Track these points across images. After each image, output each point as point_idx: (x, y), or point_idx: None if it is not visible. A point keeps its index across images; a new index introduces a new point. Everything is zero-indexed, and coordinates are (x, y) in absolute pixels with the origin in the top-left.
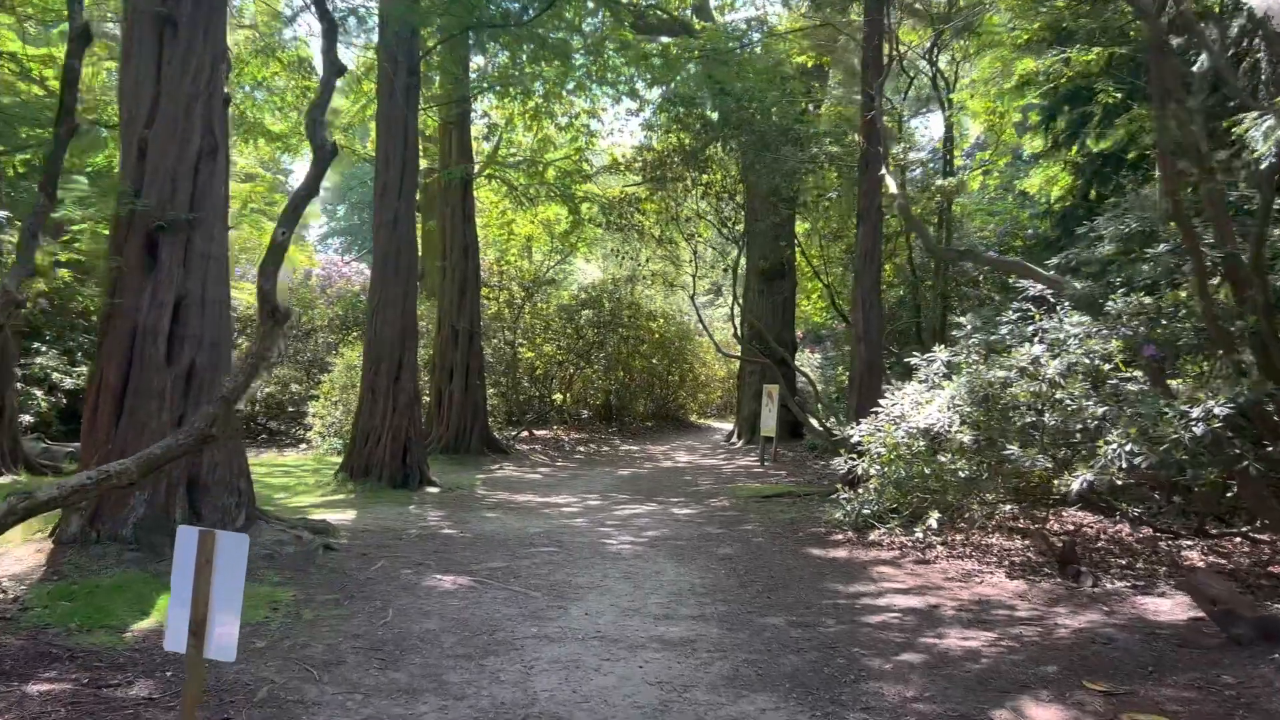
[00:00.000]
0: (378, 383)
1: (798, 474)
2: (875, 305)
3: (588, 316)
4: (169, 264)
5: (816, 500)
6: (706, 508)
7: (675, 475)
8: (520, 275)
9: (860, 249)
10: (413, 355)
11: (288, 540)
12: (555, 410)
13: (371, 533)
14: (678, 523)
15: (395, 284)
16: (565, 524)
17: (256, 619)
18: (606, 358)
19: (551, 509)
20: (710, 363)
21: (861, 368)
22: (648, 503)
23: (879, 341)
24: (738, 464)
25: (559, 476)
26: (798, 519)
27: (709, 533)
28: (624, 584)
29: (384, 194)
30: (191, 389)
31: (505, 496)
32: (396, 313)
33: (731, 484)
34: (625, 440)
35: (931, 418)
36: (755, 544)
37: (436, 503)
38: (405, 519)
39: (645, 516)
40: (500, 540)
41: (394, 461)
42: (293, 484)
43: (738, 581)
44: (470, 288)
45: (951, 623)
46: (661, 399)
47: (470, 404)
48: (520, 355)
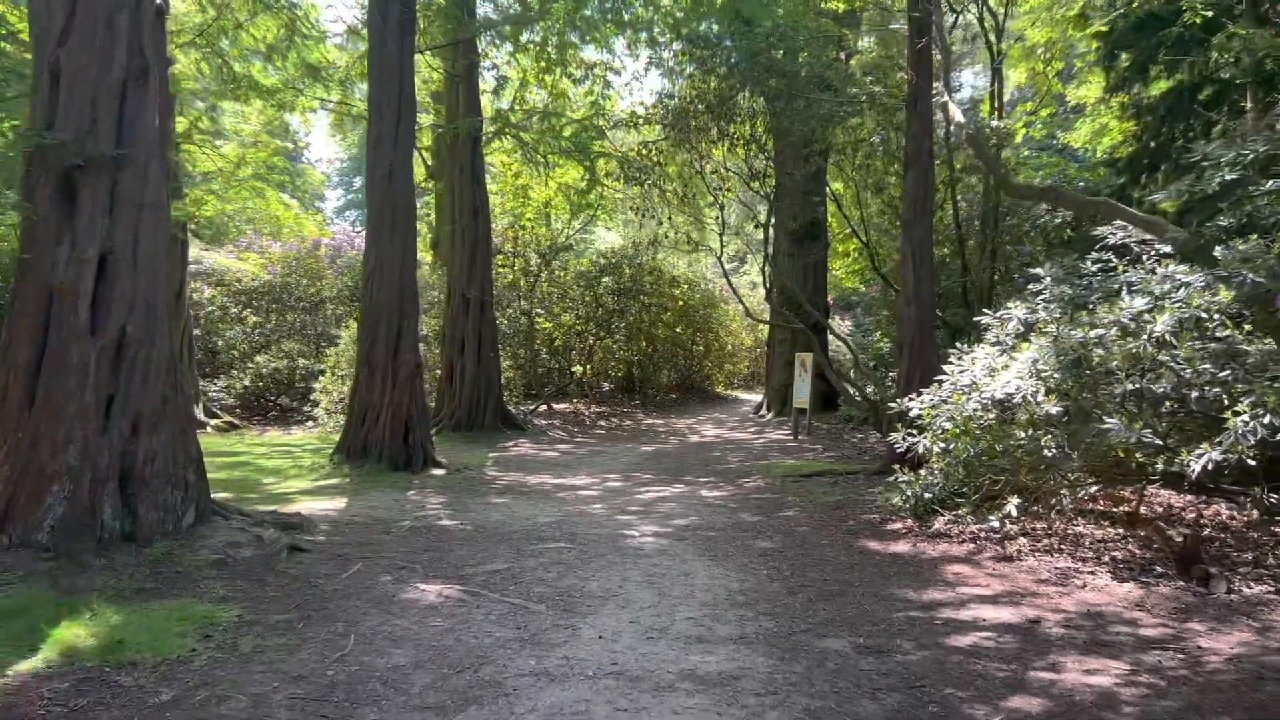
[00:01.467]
0: (375, 355)
1: (835, 448)
2: (927, 260)
3: (607, 284)
4: (90, 211)
5: (862, 480)
6: (739, 489)
7: (702, 451)
8: (536, 242)
9: (908, 198)
10: (413, 323)
11: (246, 541)
12: (575, 383)
13: (357, 526)
14: (707, 508)
15: (391, 244)
16: (581, 511)
17: (178, 652)
18: (627, 327)
19: (567, 492)
20: (737, 331)
21: (912, 331)
22: (673, 483)
23: (932, 301)
24: (769, 438)
25: (577, 454)
26: (844, 502)
27: (744, 521)
28: (647, 591)
29: (377, 145)
30: (123, 363)
31: (517, 478)
32: (394, 276)
33: (764, 461)
34: (648, 413)
35: (1010, 386)
36: (799, 535)
37: (439, 487)
38: (400, 507)
39: (671, 500)
40: (504, 534)
41: (394, 441)
42: (287, 467)
43: (784, 586)
44: (481, 253)
45: (1063, 646)
46: (686, 370)
47: (483, 377)
48: (537, 326)
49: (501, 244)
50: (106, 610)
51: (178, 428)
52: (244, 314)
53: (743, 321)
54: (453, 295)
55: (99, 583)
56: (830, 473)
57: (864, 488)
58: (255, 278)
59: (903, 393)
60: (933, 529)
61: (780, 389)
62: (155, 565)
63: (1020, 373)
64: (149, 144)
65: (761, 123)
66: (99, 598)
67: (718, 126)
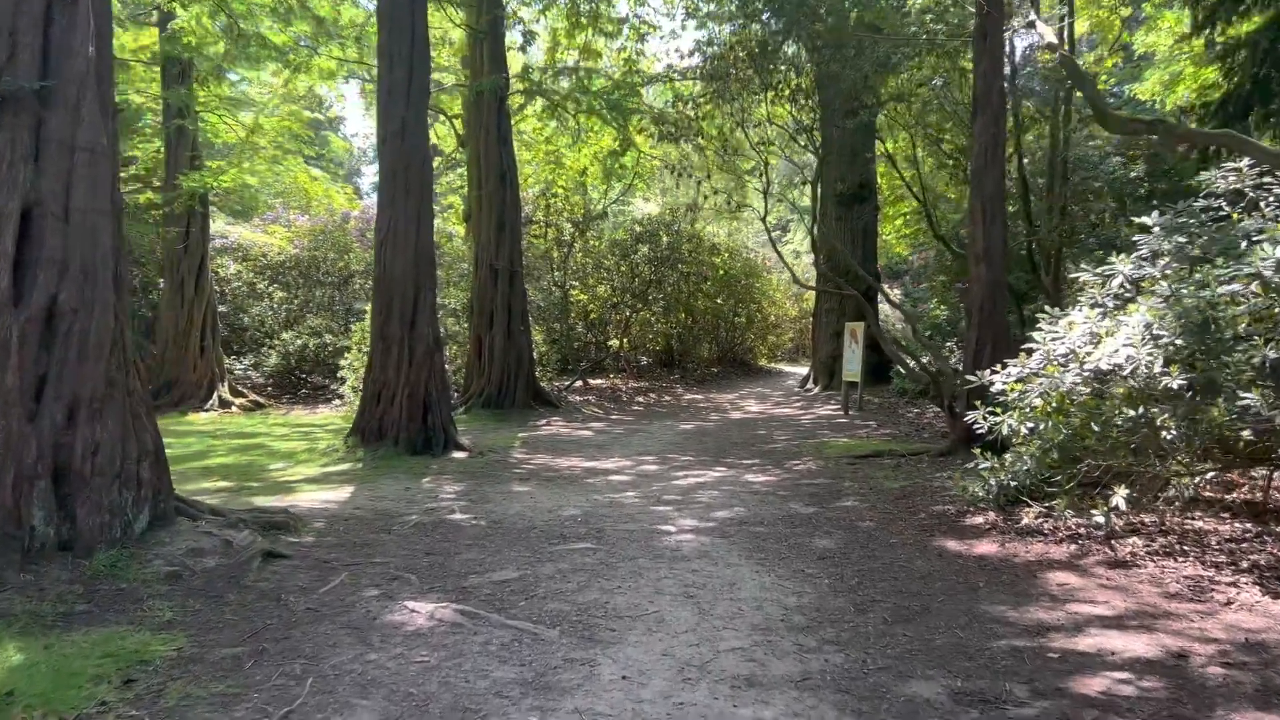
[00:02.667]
0: (389, 329)
1: (890, 425)
2: (999, 214)
3: (644, 253)
4: (8, 157)
5: (927, 462)
6: (788, 473)
7: (746, 429)
8: (570, 210)
9: (977, 144)
10: (430, 294)
11: (212, 548)
12: (612, 357)
13: (356, 521)
14: (754, 496)
15: (406, 207)
16: (611, 500)
17: (81, 708)
18: (665, 298)
19: (598, 478)
20: (780, 301)
21: (982, 294)
22: (715, 466)
23: (1004, 260)
24: (817, 414)
25: (612, 433)
26: (911, 490)
27: (796, 513)
28: (684, 609)
29: (389, 99)
30: (55, 338)
31: (545, 461)
32: (408, 242)
33: (813, 439)
34: (688, 388)
35: (1119, 355)
36: (863, 531)
37: (459, 472)
38: (410, 497)
39: (712, 487)
40: (521, 531)
41: (412, 423)
42: (300, 450)
43: (851, 600)
44: (510, 220)
45: (1230, 696)
46: (727, 342)
47: (513, 352)
48: (572, 298)
49: (533, 213)
50: (9, 646)
51: (128, 414)
52: (270, 289)
53: (787, 291)
54: (480, 266)
55: (18, 605)
56: (890, 454)
57: (931, 472)
58: (282, 251)
59: (972, 364)
60: (1021, 524)
61: (827, 361)
62: (93, 581)
63: (1131, 339)
64: (80, 76)
65: (808, 75)
66: (8, 626)
67: (760, 77)
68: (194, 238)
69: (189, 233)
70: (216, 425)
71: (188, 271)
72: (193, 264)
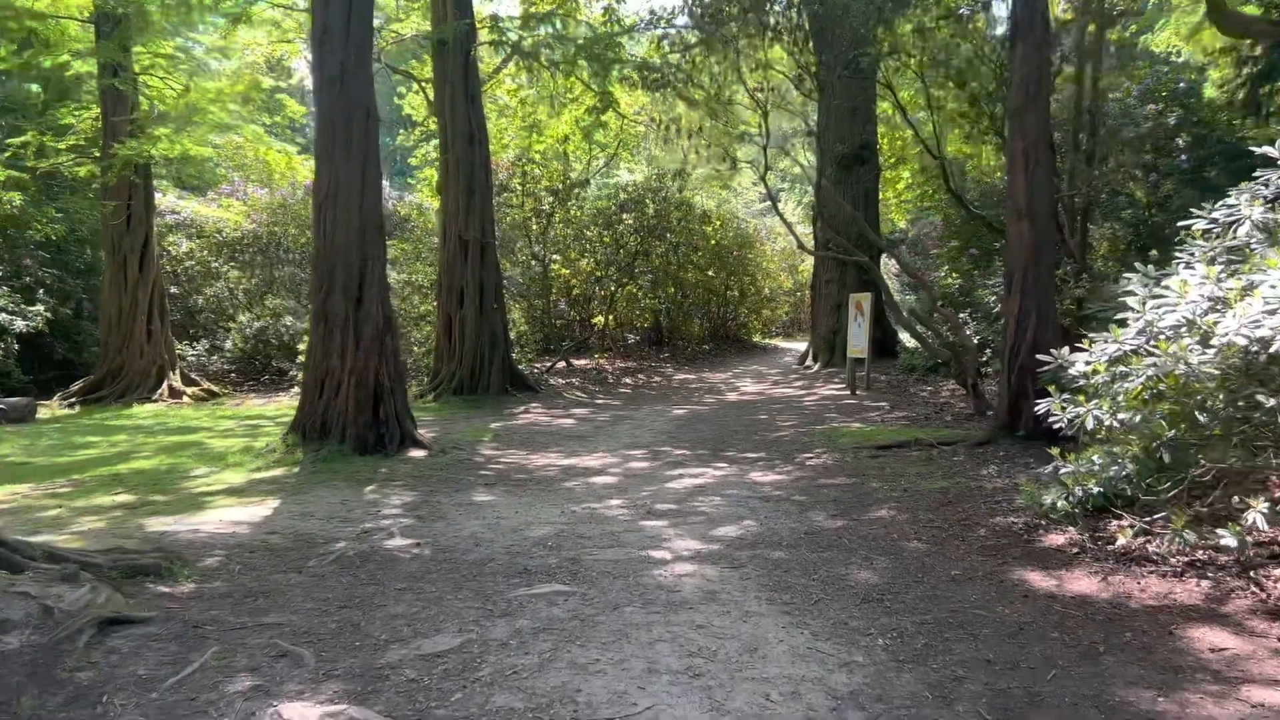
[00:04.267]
0: (331, 308)
1: (904, 406)
2: (1044, 161)
3: (628, 222)
4: None
5: (963, 454)
6: (801, 469)
7: (745, 413)
8: (549, 177)
9: (1017, 79)
10: (379, 266)
11: (23, 618)
12: (596, 335)
13: (264, 555)
14: (764, 503)
15: (347, 165)
16: (592, 513)
17: None
18: (653, 271)
19: (577, 480)
20: (775, 273)
21: (1025, 256)
22: (714, 461)
23: (1052, 215)
24: (821, 394)
25: (596, 421)
26: (953, 492)
27: (820, 527)
28: (689, 702)
29: (325, 39)
30: None
31: (517, 460)
32: (352, 206)
33: (823, 425)
34: (679, 367)
35: (1264, 326)
36: (912, 556)
37: (413, 476)
38: (346, 514)
39: (713, 490)
40: (474, 565)
41: (360, 417)
42: (235, 450)
43: (924, 680)
44: (479, 186)
45: None
46: (719, 317)
47: (487, 332)
48: (553, 272)
49: (508, 179)
50: None
51: None
52: (225, 268)
53: (781, 262)
54: (448, 237)
55: None
56: (917, 443)
57: (971, 467)
58: (238, 227)
59: (1013, 337)
60: (1115, 545)
61: (828, 336)
62: None
63: (1274, 303)
64: None
65: (808, 14)
66: None
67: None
68: (136, 212)
69: (130, 207)
70: (158, 419)
71: (130, 249)
72: (136, 241)
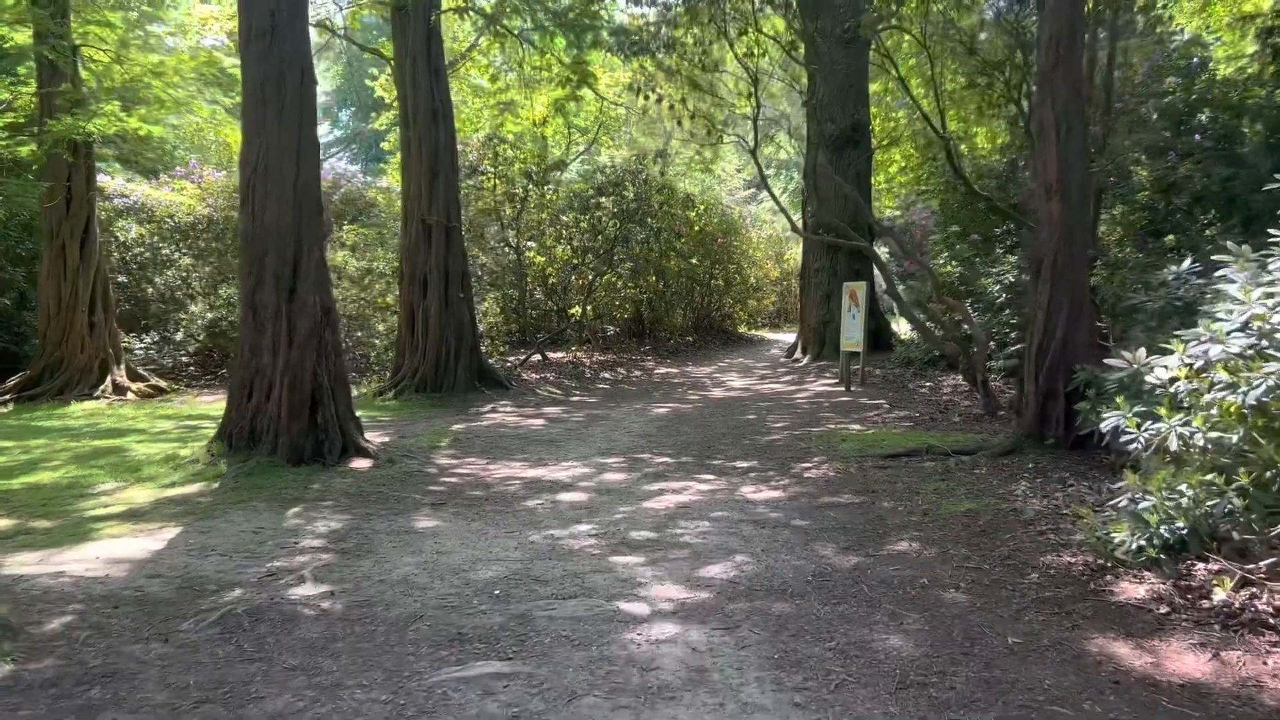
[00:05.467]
0: (261, 298)
1: (905, 403)
2: (1077, 128)
3: (607, 206)
4: None
5: (986, 465)
6: (799, 483)
7: (732, 412)
8: (522, 159)
9: (1046, 37)
10: (318, 250)
11: None
12: (572, 327)
13: (129, 611)
14: (761, 531)
15: (279, 133)
16: (554, 546)
17: None
18: (633, 259)
19: (541, 497)
20: (761, 262)
21: (1055, 241)
22: (699, 471)
23: (1086, 193)
24: (813, 390)
25: (570, 422)
26: (984, 515)
27: (830, 566)
28: None
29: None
30: None
31: (475, 471)
32: (285, 181)
33: (819, 427)
34: (660, 360)
35: None
36: (952, 611)
37: (348, 495)
38: (256, 547)
39: (699, 512)
40: (396, 627)
41: (295, 422)
42: (154, 460)
43: None
44: (444, 166)
45: None
46: (703, 308)
47: (452, 324)
48: (528, 260)
49: (479, 161)
50: None
51: None
52: (177, 255)
53: (768, 251)
54: (410, 221)
55: None
56: (928, 451)
57: (998, 481)
58: (191, 212)
59: (1042, 331)
60: (1213, 599)
61: (818, 328)
62: None
63: None
64: None
65: None
66: None
67: None
68: (77, 195)
69: (70, 188)
70: (92, 419)
71: (70, 235)
72: (76, 226)
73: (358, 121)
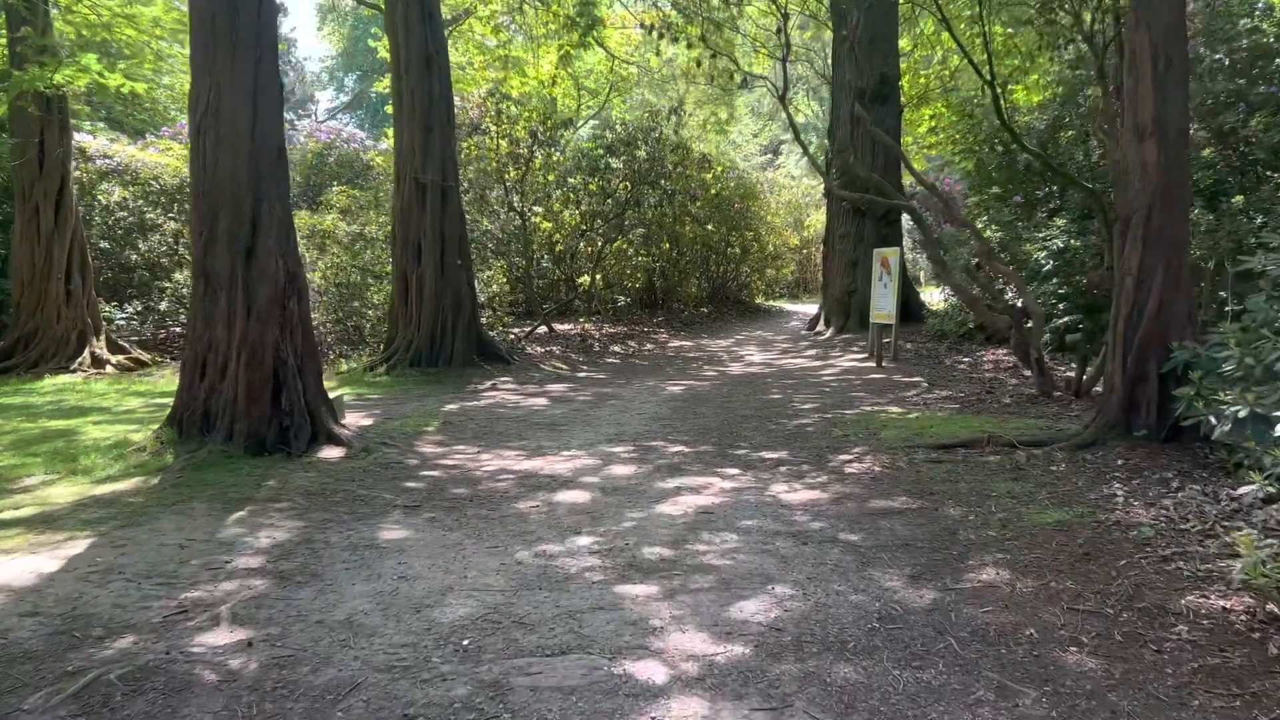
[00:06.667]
0: (214, 262)
1: (943, 381)
2: (1179, 60)
3: (617, 168)
4: None
5: (1063, 460)
6: (840, 480)
7: (754, 390)
8: (527, 117)
9: None
10: (280, 207)
11: None
12: (582, 297)
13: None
14: (803, 549)
15: (233, 71)
16: (546, 569)
17: None
18: (645, 224)
19: (536, 498)
20: (780, 229)
21: (1150, 192)
22: (722, 463)
23: (1186, 137)
24: (840, 365)
25: (575, 401)
26: (1077, 527)
27: (899, 605)
28: None
29: None
30: None
31: (463, 461)
32: (240, 128)
33: (852, 408)
34: (674, 333)
35: None
36: (1083, 687)
37: (308, 494)
38: (174, 570)
39: (725, 520)
40: (318, 709)
41: (254, 406)
42: (102, 445)
43: None
44: (439, 120)
45: None
46: (719, 277)
47: (450, 294)
48: (534, 226)
49: (480, 119)
50: None
51: None
52: (162, 220)
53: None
54: (403, 181)
55: None
56: (991, 442)
57: (1082, 483)
58: (178, 173)
59: (1130, 301)
60: None
61: (842, 298)
62: None
63: None
64: None
65: None
66: None
67: None
68: (51, 154)
69: (43, 147)
70: (60, 395)
71: (44, 197)
72: (50, 187)
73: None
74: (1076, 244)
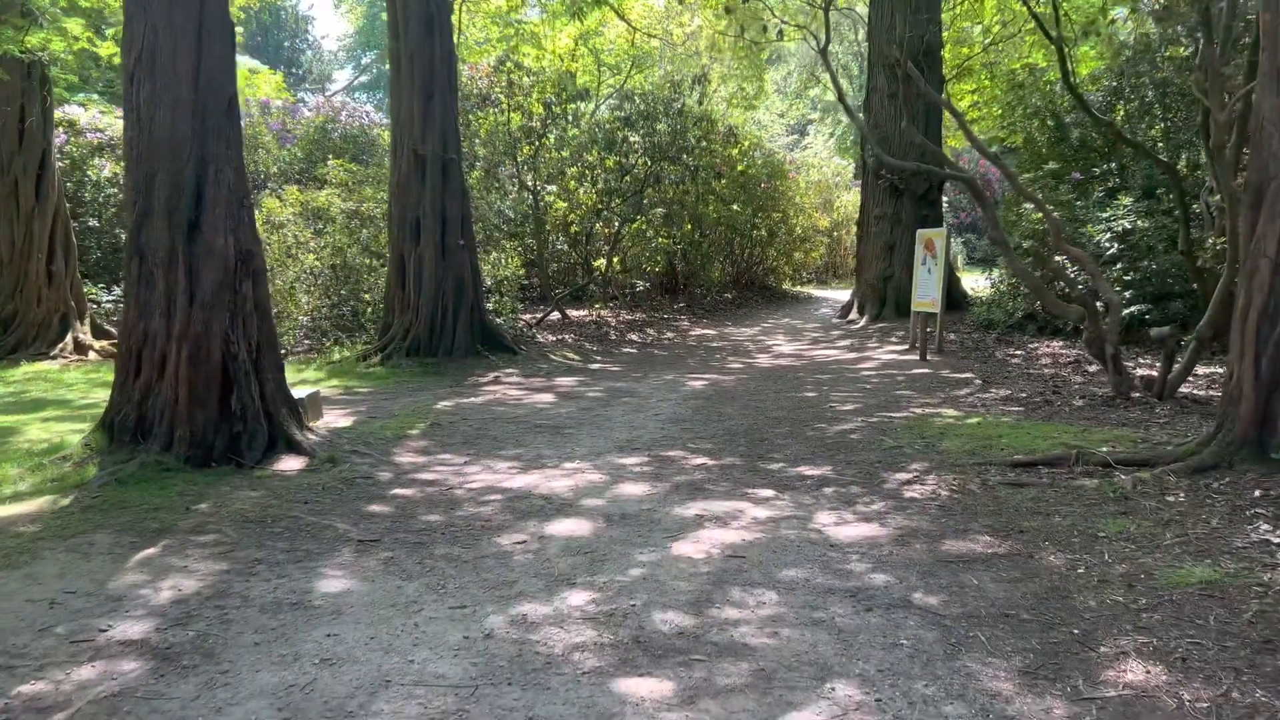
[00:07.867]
0: (149, 238)
1: (998, 378)
2: None
3: (635, 142)
4: None
5: (1183, 489)
6: (901, 508)
7: (785, 386)
8: (540, 88)
9: None
10: (231, 173)
11: None
12: (598, 281)
13: None
14: (867, 617)
15: (173, 10)
16: (522, 649)
17: None
18: (665, 204)
19: (525, 530)
20: (808, 210)
21: None
22: (752, 481)
23: None
24: (879, 358)
25: (585, 398)
26: (1233, 591)
27: None
28: None
29: None
30: None
31: (444, 476)
32: (181, 78)
33: (900, 410)
34: (696, 320)
35: None
36: None
37: (245, 522)
38: (26, 643)
39: (759, 569)
40: None
41: (198, 408)
42: (38, 447)
43: None
44: (440, 87)
45: None
46: (744, 260)
47: (451, 277)
48: (547, 205)
49: (489, 88)
50: None
51: None
52: None
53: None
54: (400, 153)
55: None
56: (1081, 458)
57: (1214, 521)
58: None
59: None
60: None
61: (877, 284)
62: None
63: None
64: None
65: None
66: None
67: None
68: (31, 126)
69: (24, 118)
70: (27, 384)
71: (23, 171)
72: (31, 161)
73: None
74: (1144, 225)
